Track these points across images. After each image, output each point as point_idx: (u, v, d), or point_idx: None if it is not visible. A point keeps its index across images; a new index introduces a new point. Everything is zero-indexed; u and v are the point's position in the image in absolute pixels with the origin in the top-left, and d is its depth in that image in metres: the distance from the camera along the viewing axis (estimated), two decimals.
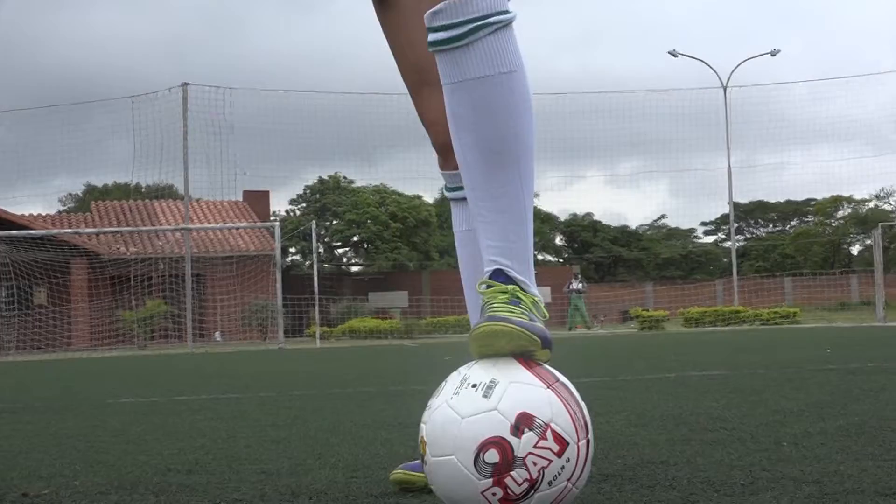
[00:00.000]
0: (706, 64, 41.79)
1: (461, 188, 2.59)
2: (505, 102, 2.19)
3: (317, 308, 30.71)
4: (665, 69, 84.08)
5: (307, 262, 54.28)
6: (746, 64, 42.94)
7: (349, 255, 62.47)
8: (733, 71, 40.85)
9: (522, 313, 2.15)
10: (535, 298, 2.22)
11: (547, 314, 2.25)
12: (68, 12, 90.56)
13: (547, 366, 2.15)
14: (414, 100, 2.68)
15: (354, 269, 60.60)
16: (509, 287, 2.20)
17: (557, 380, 2.11)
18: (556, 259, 71.01)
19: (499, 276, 2.22)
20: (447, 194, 2.75)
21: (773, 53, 43.54)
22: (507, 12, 2.19)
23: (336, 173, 59.47)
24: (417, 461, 2.34)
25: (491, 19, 2.15)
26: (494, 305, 2.16)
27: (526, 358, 2.12)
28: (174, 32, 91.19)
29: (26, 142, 38.65)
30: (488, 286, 2.22)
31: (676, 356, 11.04)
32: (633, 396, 5.45)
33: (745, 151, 72.21)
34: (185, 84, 32.52)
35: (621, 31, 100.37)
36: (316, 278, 30.77)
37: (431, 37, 2.20)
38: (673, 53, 42.77)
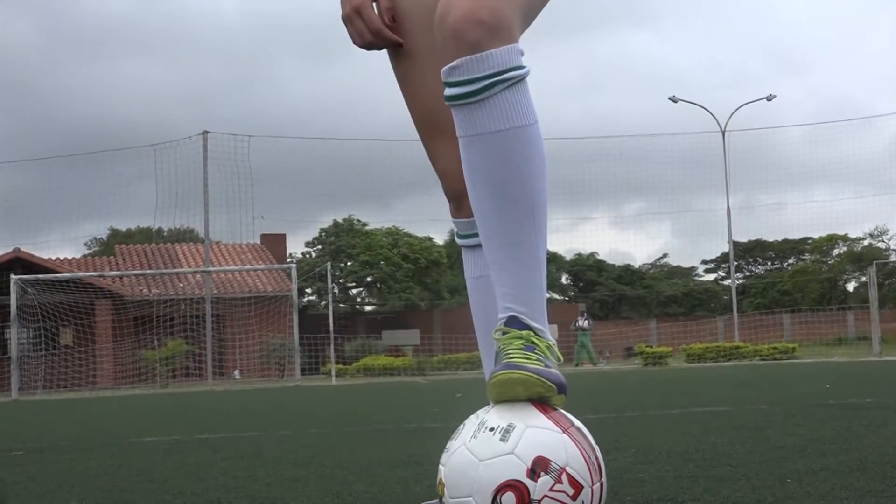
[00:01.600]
0: (705, 109, 41.93)
1: (473, 235, 2.57)
2: (520, 155, 2.18)
3: (332, 346, 30.72)
4: (666, 114, 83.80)
5: (322, 302, 54.34)
6: (744, 108, 43.02)
7: (363, 294, 62.44)
8: (731, 115, 40.99)
9: (538, 359, 2.13)
10: (550, 343, 2.21)
11: (561, 357, 2.24)
12: (95, 64, 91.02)
13: (562, 410, 2.14)
14: (427, 148, 2.67)
15: (368, 308, 60.57)
16: (524, 333, 2.18)
17: (572, 424, 2.10)
18: (562, 297, 70.93)
19: (514, 322, 2.20)
20: (459, 241, 2.72)
21: (770, 99, 43.67)
22: (521, 67, 2.17)
23: (350, 216, 59.55)
24: (435, 501, 2.32)
25: (506, 75, 2.14)
26: (510, 352, 2.15)
27: (542, 403, 2.11)
28: (196, 82, 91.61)
29: (54, 188, 38.78)
30: (504, 332, 2.21)
31: (680, 392, 11.00)
32: (640, 433, 5.42)
33: (743, 192, 72.18)
34: (205, 132, 32.66)
35: (624, 79, 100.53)
36: (331, 317, 30.81)
37: (448, 91, 2.19)
38: (673, 99, 42.94)
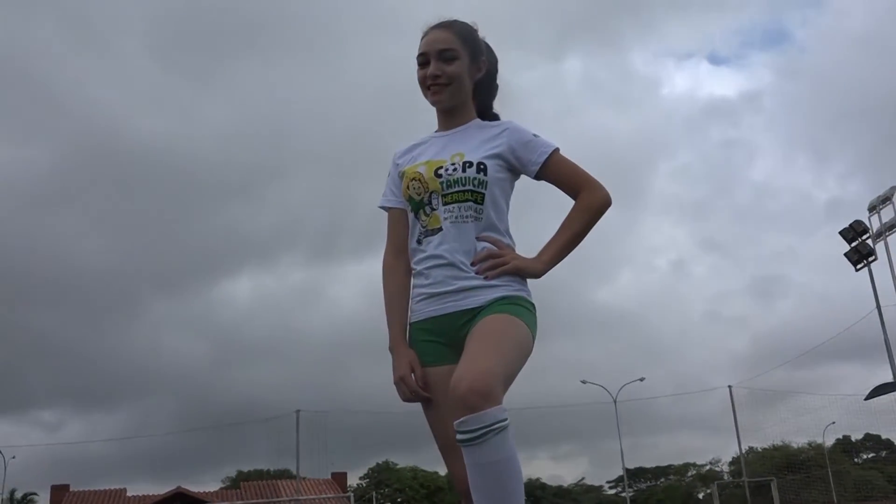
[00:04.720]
0: (604, 388, 41.49)
1: None
2: (506, 475, 2.13)
3: None
4: (581, 390, 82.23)
5: None
6: (627, 386, 42.35)
7: None
8: (619, 391, 40.52)
9: None
10: None
11: None
12: (232, 362, 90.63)
13: None
14: (445, 460, 2.56)
15: None
16: None
17: None
18: None
19: None
20: None
21: (642, 380, 43.07)
22: (505, 420, 2.14)
23: (387, 460, 58.35)
24: None
25: (495, 426, 2.13)
26: None
27: None
28: (295, 376, 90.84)
29: (203, 446, 37.80)
30: None
31: None
32: None
33: (631, 437, 70.39)
34: (298, 410, 32.20)
35: (554, 369, 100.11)
36: None
37: (458, 436, 2.14)
38: (583, 381, 42.49)
